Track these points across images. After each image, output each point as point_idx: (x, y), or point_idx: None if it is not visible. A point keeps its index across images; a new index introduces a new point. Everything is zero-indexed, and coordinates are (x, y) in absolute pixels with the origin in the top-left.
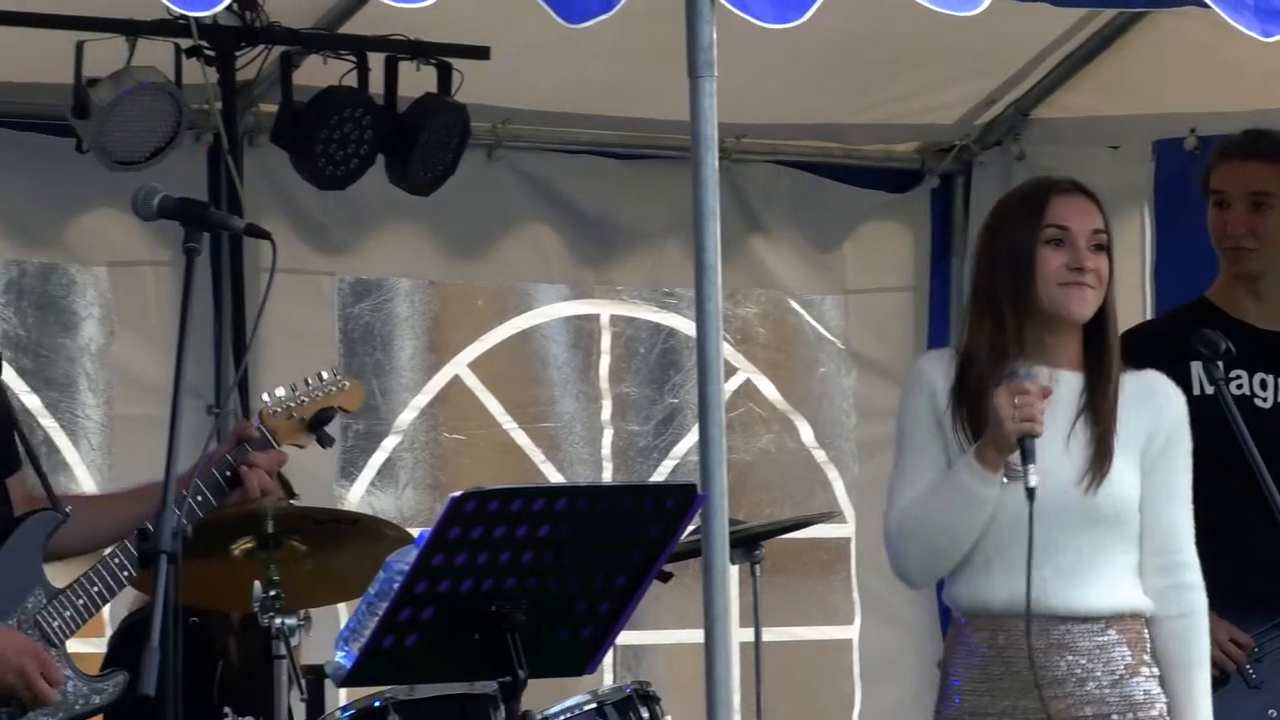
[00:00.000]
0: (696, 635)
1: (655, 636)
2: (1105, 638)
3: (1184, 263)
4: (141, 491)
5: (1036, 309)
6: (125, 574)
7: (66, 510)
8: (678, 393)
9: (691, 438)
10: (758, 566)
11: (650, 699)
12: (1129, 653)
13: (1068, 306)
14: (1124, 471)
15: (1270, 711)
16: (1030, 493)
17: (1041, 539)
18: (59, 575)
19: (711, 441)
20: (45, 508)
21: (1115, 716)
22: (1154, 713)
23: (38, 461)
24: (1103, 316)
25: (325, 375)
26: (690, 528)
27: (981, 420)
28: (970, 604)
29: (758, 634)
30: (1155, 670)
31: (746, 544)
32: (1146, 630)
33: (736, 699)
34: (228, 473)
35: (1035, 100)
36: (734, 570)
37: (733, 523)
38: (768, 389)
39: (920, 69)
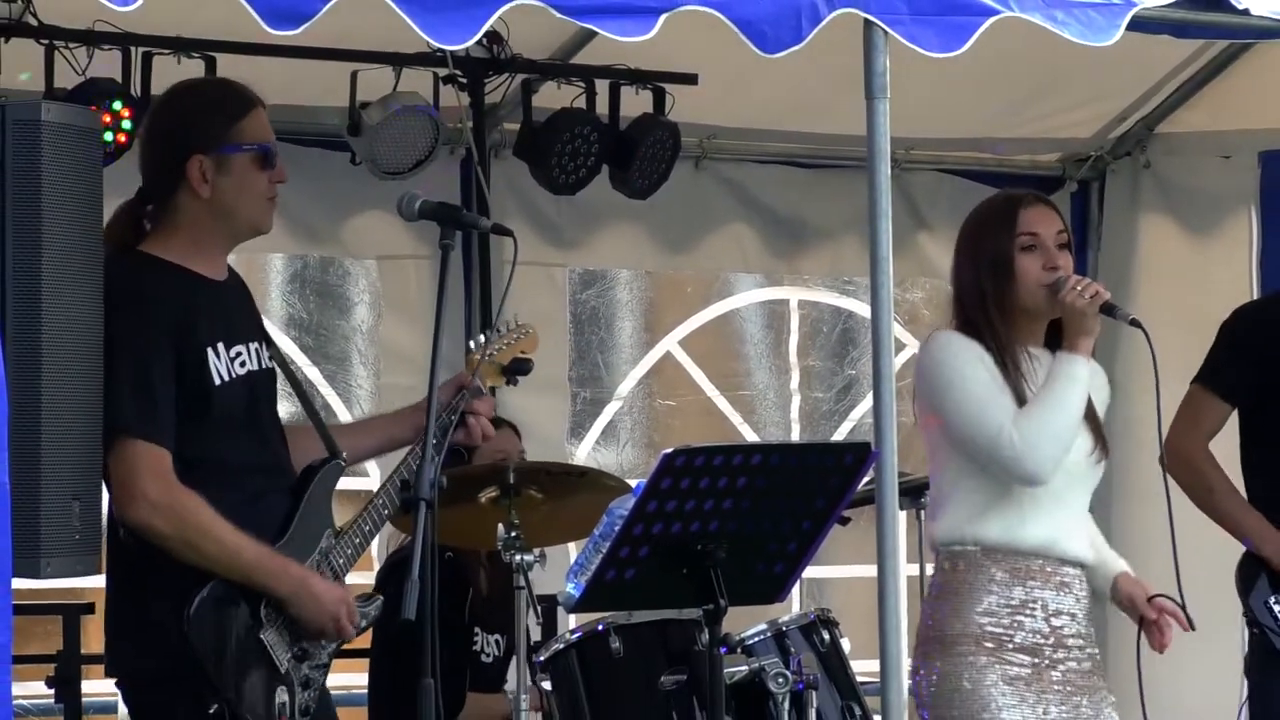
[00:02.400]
0: (870, 570)
1: (835, 571)
2: (1083, 585)
3: None
4: (399, 415)
5: (1016, 305)
6: (386, 512)
7: (344, 458)
8: (855, 365)
9: (866, 403)
10: (922, 512)
11: (830, 623)
12: (1090, 599)
13: (1048, 306)
14: None
15: None
16: (1136, 322)
17: (1060, 496)
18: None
19: (884, 406)
20: (330, 458)
21: (1089, 650)
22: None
23: (314, 410)
24: None
25: (512, 325)
26: (865, 479)
27: (1019, 389)
28: (999, 541)
29: (922, 569)
30: None
31: (913, 493)
32: None
33: (904, 624)
34: (453, 417)
35: (1159, 117)
36: (902, 515)
37: (901, 475)
38: None
39: (1062, 91)
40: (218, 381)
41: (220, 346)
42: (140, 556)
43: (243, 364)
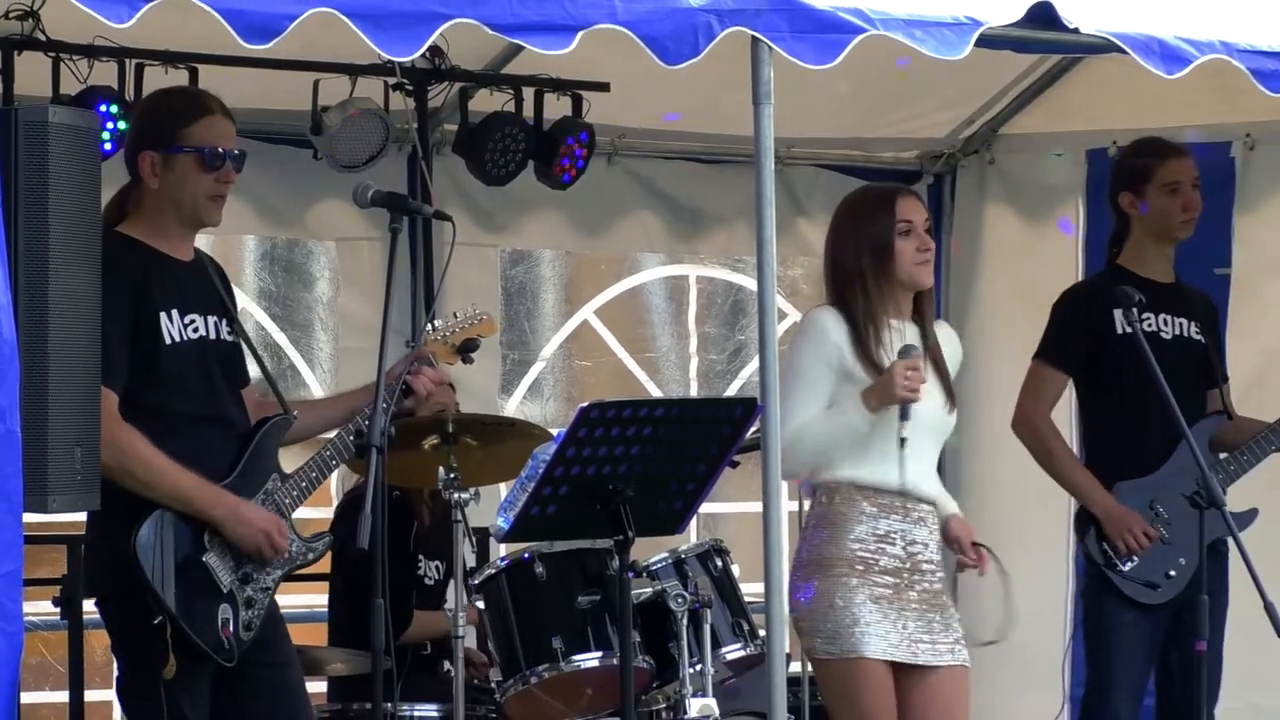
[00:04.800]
0: (756, 506)
1: (727, 507)
2: (934, 520)
3: (1105, 238)
4: (335, 400)
5: (894, 281)
6: (334, 462)
7: (294, 414)
8: (744, 332)
9: (753, 364)
10: None
11: (723, 552)
12: (938, 530)
13: (922, 280)
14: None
15: (1180, 559)
16: (902, 442)
17: (919, 445)
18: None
19: (768, 367)
20: (280, 414)
21: (939, 573)
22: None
23: (270, 375)
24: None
25: (469, 311)
26: (752, 429)
27: (875, 359)
28: (868, 480)
29: (800, 505)
30: None
31: None
32: None
33: (785, 552)
34: (403, 384)
35: (1002, 120)
36: None
37: None
38: None
39: (920, 98)
40: (168, 340)
41: (174, 312)
42: (109, 489)
43: (195, 330)
